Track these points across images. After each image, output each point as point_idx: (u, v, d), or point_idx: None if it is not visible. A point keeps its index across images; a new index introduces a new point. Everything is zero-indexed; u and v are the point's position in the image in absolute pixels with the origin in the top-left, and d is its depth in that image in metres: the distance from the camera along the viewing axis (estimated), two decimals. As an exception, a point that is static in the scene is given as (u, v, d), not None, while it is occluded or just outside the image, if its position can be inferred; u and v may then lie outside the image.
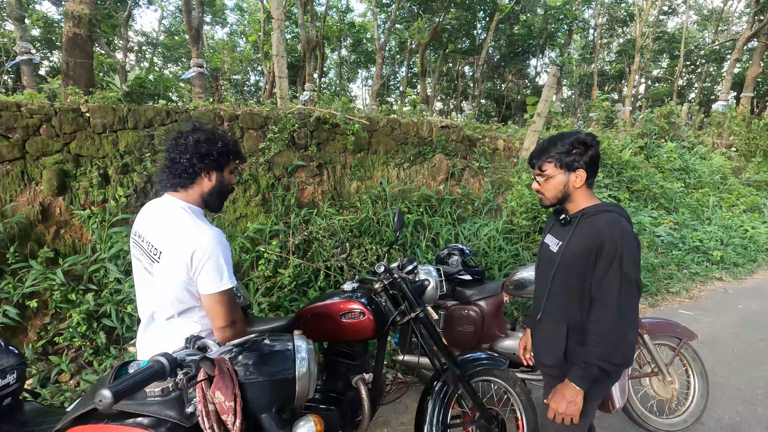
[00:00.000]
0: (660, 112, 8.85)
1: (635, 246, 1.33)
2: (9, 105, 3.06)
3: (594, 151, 1.39)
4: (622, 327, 1.29)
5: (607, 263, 1.30)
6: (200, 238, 1.34)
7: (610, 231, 1.32)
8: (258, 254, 3.47)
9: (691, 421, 2.45)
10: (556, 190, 1.44)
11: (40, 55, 13.21)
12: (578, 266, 1.37)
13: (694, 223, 6.38)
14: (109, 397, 0.72)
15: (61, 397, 2.55)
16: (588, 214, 1.40)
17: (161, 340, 1.45)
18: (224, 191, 1.53)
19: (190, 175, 1.42)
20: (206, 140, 1.42)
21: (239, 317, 1.42)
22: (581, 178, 1.39)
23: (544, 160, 1.43)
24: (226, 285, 1.35)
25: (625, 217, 1.40)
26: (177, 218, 1.40)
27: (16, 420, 1.25)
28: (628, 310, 1.30)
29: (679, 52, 17.43)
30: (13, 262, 2.83)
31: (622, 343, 1.29)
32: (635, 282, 1.30)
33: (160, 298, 1.42)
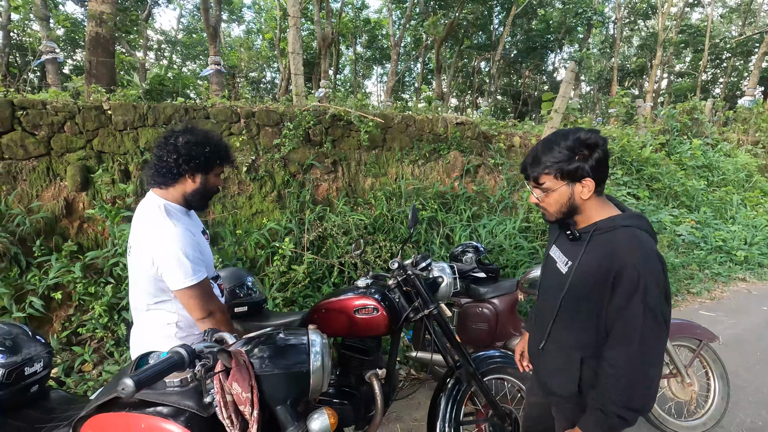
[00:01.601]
0: (682, 108, 8.62)
1: (661, 271, 1.09)
2: (35, 103, 3.16)
3: (600, 153, 1.13)
4: (645, 368, 1.09)
5: (628, 294, 1.08)
6: (162, 237, 1.38)
7: (629, 254, 1.09)
8: (273, 250, 3.51)
9: (710, 425, 2.39)
10: (559, 205, 1.20)
11: (64, 55, 13.57)
12: (593, 293, 1.16)
13: (716, 222, 6.21)
14: (132, 385, 0.74)
15: (85, 386, 2.63)
16: (602, 229, 1.17)
17: (142, 329, 1.53)
18: (208, 193, 1.56)
19: (174, 175, 1.46)
20: (195, 143, 1.45)
21: (216, 308, 1.45)
22: (589, 188, 1.15)
23: (540, 172, 1.18)
24: (192, 281, 1.38)
25: (646, 230, 1.17)
26: (149, 215, 1.45)
27: (43, 407, 1.30)
28: (653, 350, 1.09)
29: (704, 45, 16.91)
30: (39, 255, 2.93)
31: (644, 387, 1.09)
32: (662, 315, 1.08)
33: (135, 290, 1.51)
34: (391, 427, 2.50)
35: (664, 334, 1.10)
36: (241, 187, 3.79)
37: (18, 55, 11.48)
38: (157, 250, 1.38)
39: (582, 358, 1.24)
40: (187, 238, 1.41)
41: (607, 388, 1.12)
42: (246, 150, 3.87)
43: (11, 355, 1.23)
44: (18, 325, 1.34)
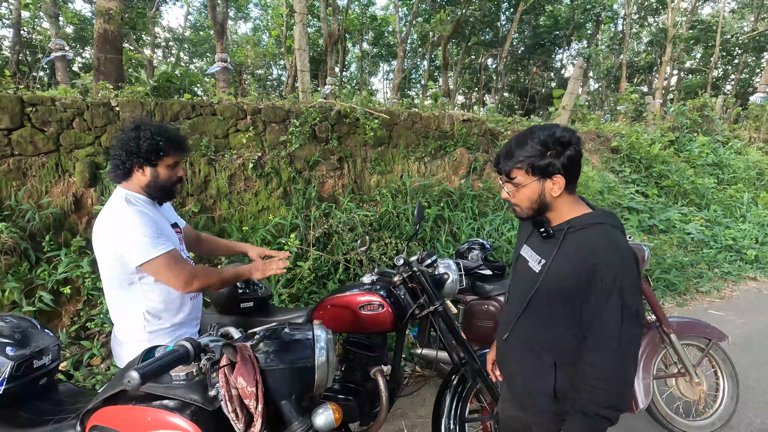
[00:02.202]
0: (692, 105, 8.51)
1: (636, 270, 1.10)
2: (44, 99, 3.19)
3: (573, 151, 1.12)
4: (624, 369, 1.09)
5: (605, 294, 1.07)
6: (117, 221, 1.43)
7: (605, 253, 1.09)
8: (279, 246, 3.52)
9: (719, 425, 2.37)
10: (530, 201, 1.19)
11: (73, 52, 13.68)
12: (567, 291, 1.14)
13: (726, 221, 6.13)
14: (137, 378, 0.75)
15: (93, 380, 2.66)
16: (575, 227, 1.16)
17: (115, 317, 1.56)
18: (164, 185, 1.57)
19: (124, 170, 1.51)
20: (135, 138, 1.48)
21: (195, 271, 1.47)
22: (559, 185, 1.14)
23: (511, 166, 1.17)
24: (152, 255, 1.40)
25: (619, 228, 1.16)
26: (109, 206, 1.50)
27: (52, 399, 1.31)
28: (631, 349, 1.10)
29: (715, 41, 16.66)
30: (48, 250, 2.97)
31: (624, 386, 1.10)
32: (637, 313, 1.09)
33: (104, 280, 1.53)
34: (395, 424, 2.50)
35: (640, 334, 1.13)
36: (247, 184, 3.80)
37: (28, 52, 11.59)
38: (114, 234, 1.42)
39: (556, 363, 1.21)
40: (144, 218, 1.44)
41: (589, 390, 1.10)
42: (252, 147, 3.88)
43: (20, 348, 1.24)
44: (27, 319, 1.35)
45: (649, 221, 5.53)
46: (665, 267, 4.79)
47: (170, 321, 1.55)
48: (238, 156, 3.81)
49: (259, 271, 1.61)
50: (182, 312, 1.59)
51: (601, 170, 6.17)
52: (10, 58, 10.25)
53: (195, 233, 1.94)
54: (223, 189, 3.68)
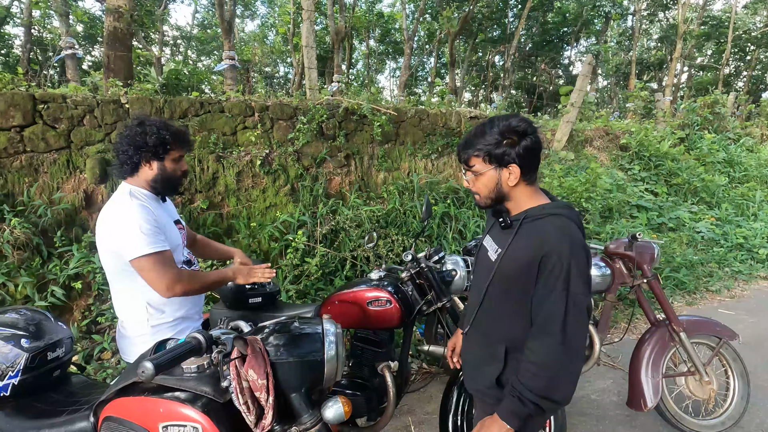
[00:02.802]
0: (703, 102, 8.40)
1: (585, 261, 1.10)
2: (56, 97, 3.23)
3: (530, 141, 1.13)
4: (567, 359, 1.08)
5: (551, 281, 1.08)
6: (118, 214, 1.45)
7: (556, 241, 1.09)
8: (286, 243, 3.54)
9: (729, 424, 2.35)
10: (488, 189, 1.20)
11: (83, 51, 13.82)
12: (519, 280, 1.16)
13: (738, 219, 6.04)
14: (151, 368, 0.76)
15: (104, 373, 2.70)
16: (531, 217, 1.17)
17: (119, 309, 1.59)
18: (170, 178, 1.59)
19: (131, 165, 1.53)
20: (142, 132, 1.50)
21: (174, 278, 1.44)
22: (515, 175, 1.15)
23: (470, 154, 1.18)
24: (145, 251, 1.40)
25: (575, 221, 1.16)
26: (112, 200, 1.52)
27: (65, 390, 1.33)
28: (575, 339, 1.08)
29: (727, 37, 16.41)
30: (59, 245, 3.01)
31: (565, 378, 1.09)
32: (584, 305, 1.09)
33: (106, 273, 1.56)
34: (402, 420, 2.51)
35: (586, 325, 1.11)
36: (255, 181, 3.82)
37: (38, 51, 11.72)
38: (113, 227, 1.44)
39: (507, 349, 1.22)
40: (144, 214, 1.45)
41: (527, 376, 1.10)
42: (260, 144, 3.90)
43: (35, 340, 1.26)
44: (41, 312, 1.37)
45: (659, 219, 5.48)
46: (674, 265, 4.75)
47: (173, 314, 1.57)
48: (245, 153, 3.83)
49: (243, 275, 1.61)
50: (185, 305, 1.61)
51: (610, 168, 6.11)
52: (22, 56, 10.37)
53: (192, 234, 1.96)
54: (231, 186, 3.70)
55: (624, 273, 2.42)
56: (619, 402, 2.65)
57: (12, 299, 2.78)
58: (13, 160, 3.09)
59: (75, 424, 1.14)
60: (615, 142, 6.82)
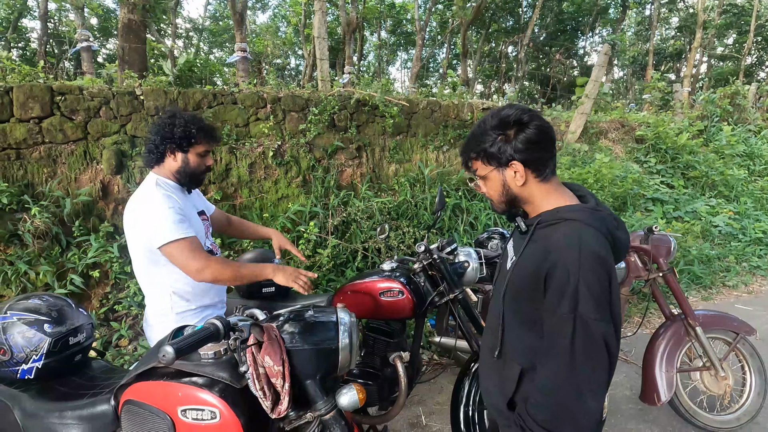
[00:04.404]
0: (723, 93, 8.17)
1: (600, 277, 0.90)
2: (73, 89, 3.27)
3: (530, 132, 0.97)
4: (574, 390, 0.89)
5: (557, 298, 0.91)
6: (145, 203, 1.49)
7: (562, 252, 0.92)
8: (298, 234, 3.57)
9: (744, 420, 2.32)
10: (497, 193, 1.06)
11: (98, 43, 13.97)
12: (527, 293, 1.00)
13: (757, 213, 5.90)
14: (172, 352, 0.78)
15: (121, 360, 2.77)
16: (545, 222, 1.00)
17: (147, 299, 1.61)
18: (193, 171, 1.62)
19: (157, 155, 1.58)
20: (170, 124, 1.54)
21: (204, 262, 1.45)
22: (521, 173, 1.00)
23: (469, 157, 1.06)
24: (173, 237, 1.43)
25: (593, 226, 0.95)
26: (139, 189, 1.57)
27: (86, 375, 1.37)
28: (586, 372, 0.89)
29: (749, 26, 15.90)
30: (78, 235, 3.07)
31: (575, 413, 0.90)
32: (599, 332, 0.88)
33: (133, 263, 1.60)
34: (413, 410, 2.53)
35: (601, 358, 0.89)
36: (267, 172, 3.85)
37: (54, 43, 11.89)
38: (141, 216, 1.48)
39: (523, 370, 1.05)
40: (170, 202, 1.49)
41: (532, 404, 0.95)
42: (272, 135, 3.92)
43: (57, 326, 1.30)
44: (63, 298, 1.41)
45: (675, 213, 5.38)
46: (689, 259, 4.66)
47: (197, 302, 1.60)
48: (258, 144, 3.85)
49: (284, 277, 1.52)
50: (209, 294, 1.64)
51: (625, 160, 6.01)
52: (39, 49, 10.53)
53: (225, 216, 2.02)
54: (244, 177, 3.73)
55: (639, 266, 2.39)
56: (632, 396, 2.64)
57: (33, 287, 2.86)
58: (32, 151, 3.15)
59: (96, 407, 1.17)
60: (631, 134, 6.69)
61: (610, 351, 0.89)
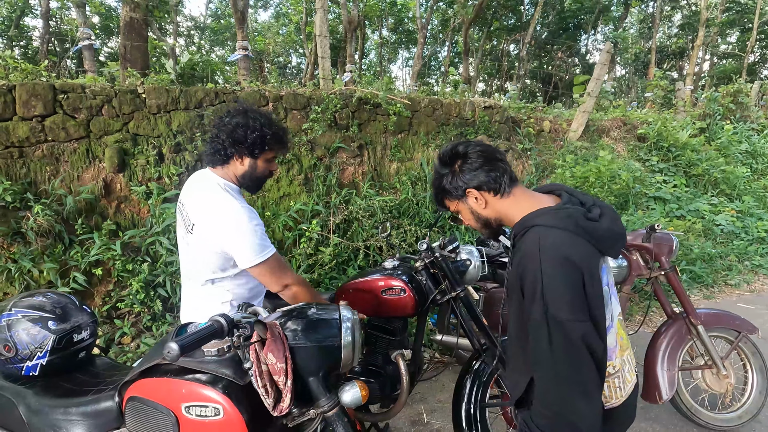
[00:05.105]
0: (726, 91, 8.15)
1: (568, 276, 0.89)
2: (75, 87, 3.28)
3: (471, 160, 1.04)
4: (563, 395, 0.90)
5: (529, 305, 0.93)
6: (231, 216, 1.39)
7: (528, 259, 0.94)
8: (300, 232, 3.57)
9: (746, 418, 2.32)
10: (473, 221, 1.14)
11: (99, 41, 13.98)
12: (516, 303, 1.03)
13: (759, 212, 5.89)
14: (176, 349, 0.78)
15: (124, 357, 2.78)
16: (519, 233, 1.02)
17: (197, 303, 1.56)
18: (258, 177, 1.55)
19: (224, 155, 1.47)
20: (244, 125, 1.44)
21: (291, 280, 1.46)
22: (480, 199, 1.06)
23: (439, 199, 1.16)
24: (262, 257, 1.40)
25: (558, 226, 0.94)
26: (212, 195, 1.45)
27: (90, 371, 1.38)
28: (570, 373, 0.89)
29: (752, 24, 15.83)
30: (80, 233, 3.08)
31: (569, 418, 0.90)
32: (575, 332, 0.87)
33: (194, 266, 1.52)
34: (415, 408, 2.54)
35: (583, 358, 0.88)
36: (269, 170, 3.85)
37: (56, 42, 11.90)
38: (226, 230, 1.39)
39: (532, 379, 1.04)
40: (252, 216, 1.42)
41: (533, 412, 0.98)
42: (274, 133, 3.92)
43: (61, 323, 1.30)
44: (66, 296, 1.42)
45: (677, 211, 5.37)
46: (691, 258, 4.66)
47: None
48: (260, 143, 3.85)
49: None
50: (258, 297, 1.62)
51: (627, 159, 6.00)
52: (41, 47, 10.55)
53: None
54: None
55: (641, 265, 2.39)
56: (633, 394, 2.63)
57: (36, 284, 2.87)
58: (35, 150, 3.16)
59: (101, 404, 1.18)
60: (633, 132, 6.68)
61: (591, 349, 0.88)
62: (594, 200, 1.07)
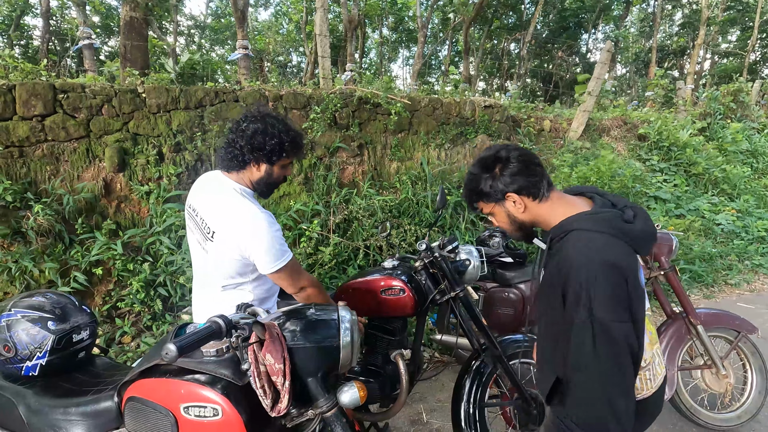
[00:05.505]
0: (726, 90, 8.13)
1: (611, 280, 0.93)
2: (75, 86, 3.28)
3: (514, 165, 1.07)
4: (606, 397, 0.92)
5: (574, 308, 0.94)
6: (252, 223, 1.39)
7: (572, 263, 0.96)
8: (300, 232, 3.57)
9: (745, 418, 2.32)
10: (507, 224, 1.16)
11: (99, 41, 13.98)
12: (553, 306, 1.05)
13: (760, 211, 5.89)
14: (175, 350, 0.78)
15: (124, 356, 2.79)
16: (556, 237, 1.07)
17: (216, 307, 1.53)
18: (272, 182, 1.55)
19: (240, 161, 1.47)
20: (263, 132, 1.43)
21: (307, 282, 1.49)
22: (519, 203, 1.09)
23: (472, 202, 1.18)
24: (282, 263, 1.42)
25: (599, 230, 0.99)
26: (230, 200, 1.45)
27: (90, 371, 1.38)
28: (612, 373, 0.92)
29: (753, 23, 15.79)
30: (81, 232, 3.09)
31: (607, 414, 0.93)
32: (620, 333, 0.91)
33: (214, 272, 1.51)
34: (414, 407, 2.54)
35: (626, 358, 0.92)
36: (269, 170, 3.85)
37: (57, 41, 11.90)
38: (247, 236, 1.39)
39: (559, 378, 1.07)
40: (271, 221, 1.42)
41: (570, 411, 1.00)
42: (274, 133, 3.92)
43: (61, 323, 1.30)
44: (66, 296, 1.42)
45: (677, 211, 5.37)
46: (691, 257, 4.65)
47: (266, 305, 1.59)
48: (260, 142, 3.85)
49: None
50: (275, 294, 1.64)
51: (627, 158, 5.99)
52: (41, 47, 10.55)
53: None
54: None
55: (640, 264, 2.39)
56: (633, 394, 2.63)
57: (36, 284, 2.88)
58: (35, 149, 3.16)
59: (100, 404, 1.18)
60: (633, 131, 6.67)
61: (632, 349, 0.92)
62: (625, 201, 1.11)
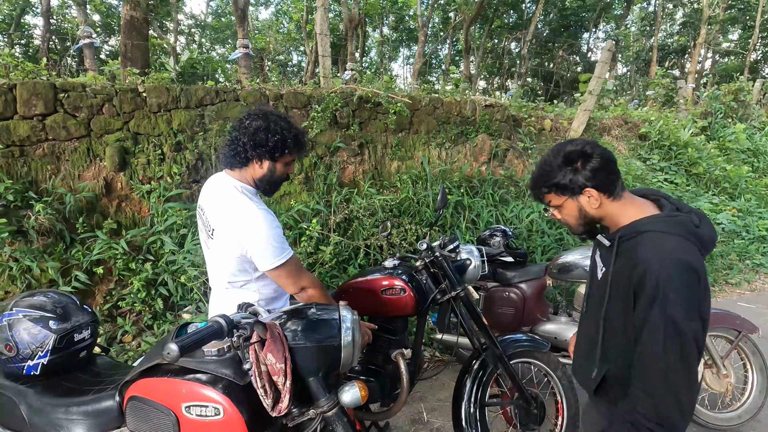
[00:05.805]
0: (727, 89, 8.13)
1: (686, 281, 0.97)
2: (76, 86, 3.28)
3: (596, 161, 1.09)
4: (674, 389, 0.98)
5: (647, 306, 0.99)
6: (250, 220, 1.39)
7: (649, 261, 1.00)
8: (300, 231, 3.57)
9: (746, 417, 2.32)
10: (574, 218, 1.18)
11: (100, 40, 13.98)
12: (619, 303, 1.09)
13: (761, 211, 5.89)
14: (176, 350, 0.78)
15: (125, 356, 2.79)
16: (625, 236, 1.10)
17: (224, 306, 1.55)
18: (276, 180, 1.55)
19: (242, 158, 1.47)
20: (265, 129, 1.44)
21: (309, 282, 1.47)
22: (594, 197, 1.11)
23: (541, 191, 1.18)
24: (280, 261, 1.40)
25: (674, 233, 1.03)
26: (230, 198, 1.45)
27: (91, 371, 1.38)
28: (679, 368, 0.97)
29: (754, 21, 15.77)
30: (81, 232, 3.09)
31: (676, 409, 0.98)
32: (689, 331, 0.96)
33: (218, 270, 1.52)
34: (415, 407, 2.54)
35: (692, 353, 0.97)
36: (269, 169, 3.85)
37: (57, 40, 11.90)
38: (245, 233, 1.40)
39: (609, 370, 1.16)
40: (270, 219, 1.42)
41: (638, 404, 1.03)
42: (274, 132, 3.91)
43: (62, 322, 1.31)
44: (67, 295, 1.42)
45: (678, 210, 5.36)
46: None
47: (274, 305, 1.58)
48: (260, 141, 3.85)
49: None
50: (283, 297, 1.63)
51: (628, 158, 5.99)
52: (41, 46, 10.55)
53: None
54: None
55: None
56: (633, 393, 2.64)
57: (38, 283, 2.88)
58: (36, 148, 3.16)
59: (102, 403, 1.19)
60: (634, 131, 6.67)
61: (699, 347, 0.98)
62: (689, 207, 1.14)
